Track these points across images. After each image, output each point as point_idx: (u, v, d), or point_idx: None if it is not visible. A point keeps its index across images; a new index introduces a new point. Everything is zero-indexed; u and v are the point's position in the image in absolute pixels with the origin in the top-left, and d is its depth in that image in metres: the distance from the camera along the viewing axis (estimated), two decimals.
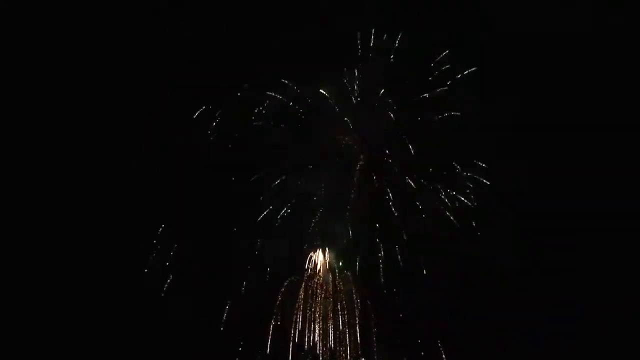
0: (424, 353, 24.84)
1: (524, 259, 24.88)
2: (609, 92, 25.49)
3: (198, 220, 25.15)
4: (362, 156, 25.00)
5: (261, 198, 24.54)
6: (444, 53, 24.16)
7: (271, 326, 24.83)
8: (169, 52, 25.91)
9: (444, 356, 24.53)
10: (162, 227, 25.02)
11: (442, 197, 24.34)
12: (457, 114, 24.02)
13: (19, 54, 25.75)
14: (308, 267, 25.64)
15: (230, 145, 24.90)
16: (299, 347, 24.68)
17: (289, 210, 24.61)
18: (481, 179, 24.10)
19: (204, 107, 24.81)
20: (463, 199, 24.16)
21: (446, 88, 24.09)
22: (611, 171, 25.23)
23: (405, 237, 24.25)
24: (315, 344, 24.81)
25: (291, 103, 24.65)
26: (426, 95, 24.24)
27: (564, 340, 24.74)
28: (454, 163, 24.38)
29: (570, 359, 24.88)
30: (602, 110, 25.44)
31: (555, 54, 25.57)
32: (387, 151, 24.58)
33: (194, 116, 24.82)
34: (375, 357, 25.02)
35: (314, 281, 25.52)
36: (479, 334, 24.80)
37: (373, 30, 24.32)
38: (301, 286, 25.35)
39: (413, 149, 23.94)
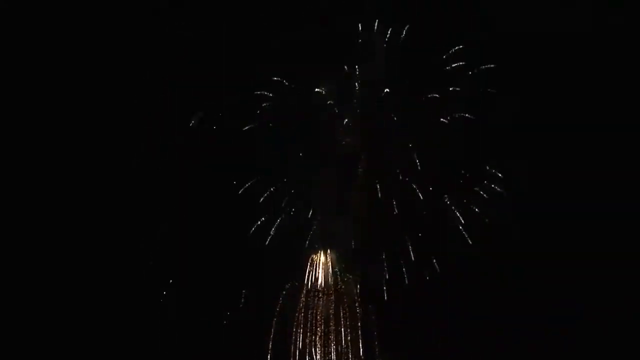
0: (425, 354, 24.88)
1: (524, 259, 24.91)
2: (609, 92, 25.47)
3: (198, 221, 25.20)
4: (363, 157, 25.00)
5: (261, 199, 24.58)
6: (454, 49, 24.12)
7: (272, 330, 24.86)
8: (169, 52, 25.94)
9: (444, 357, 24.60)
10: (162, 227, 25.06)
11: (447, 202, 24.38)
12: (466, 115, 24.05)
13: (19, 54, 25.74)
14: (309, 271, 25.65)
15: (230, 146, 24.92)
16: (300, 351, 24.68)
17: (290, 212, 24.64)
18: (495, 187, 24.12)
19: (201, 113, 24.86)
20: (475, 208, 24.15)
21: (458, 88, 24.07)
22: (611, 171, 25.23)
23: (407, 239, 24.30)
24: (316, 348, 24.80)
25: (291, 104, 24.68)
26: (428, 95, 24.24)
27: (564, 340, 24.76)
28: (461, 170, 24.45)
29: (570, 359, 24.90)
30: (602, 110, 25.42)
31: (555, 54, 25.54)
32: (388, 153, 24.61)
33: (191, 124, 24.89)
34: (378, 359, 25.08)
35: (315, 284, 25.51)
36: (479, 334, 24.85)
37: (375, 27, 24.36)
38: (302, 290, 25.37)
39: (415, 150, 23.97)
